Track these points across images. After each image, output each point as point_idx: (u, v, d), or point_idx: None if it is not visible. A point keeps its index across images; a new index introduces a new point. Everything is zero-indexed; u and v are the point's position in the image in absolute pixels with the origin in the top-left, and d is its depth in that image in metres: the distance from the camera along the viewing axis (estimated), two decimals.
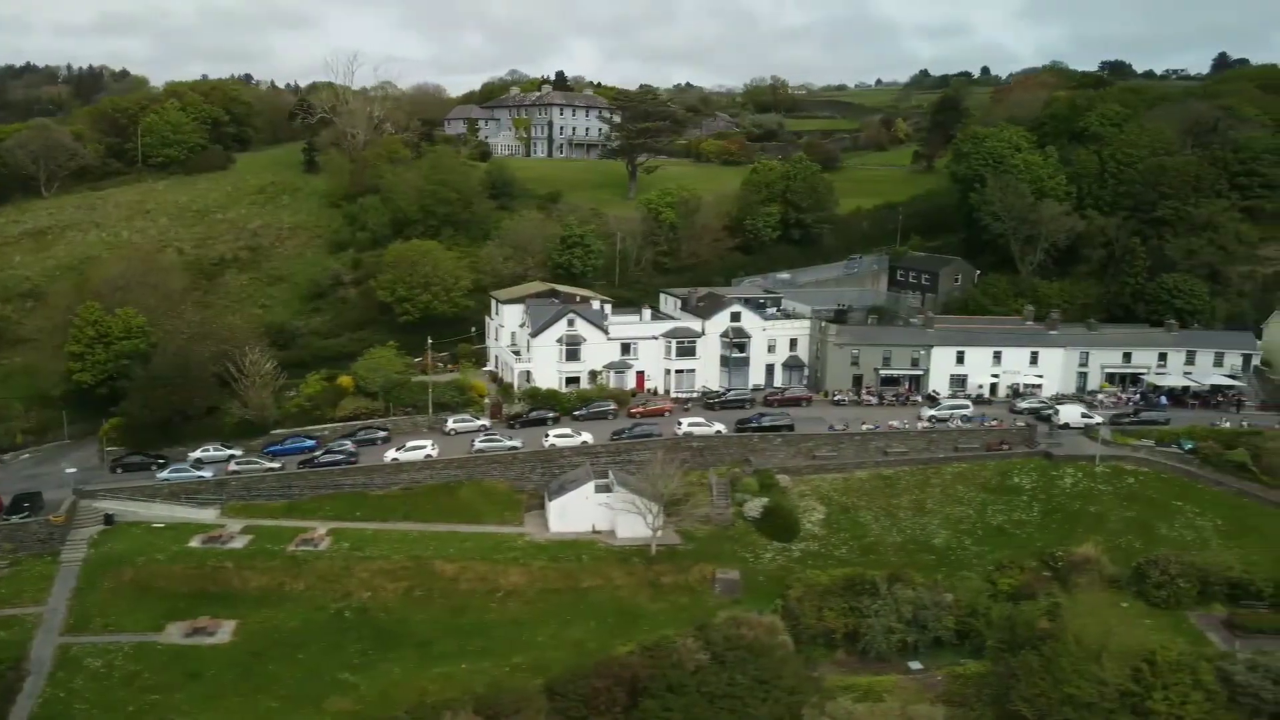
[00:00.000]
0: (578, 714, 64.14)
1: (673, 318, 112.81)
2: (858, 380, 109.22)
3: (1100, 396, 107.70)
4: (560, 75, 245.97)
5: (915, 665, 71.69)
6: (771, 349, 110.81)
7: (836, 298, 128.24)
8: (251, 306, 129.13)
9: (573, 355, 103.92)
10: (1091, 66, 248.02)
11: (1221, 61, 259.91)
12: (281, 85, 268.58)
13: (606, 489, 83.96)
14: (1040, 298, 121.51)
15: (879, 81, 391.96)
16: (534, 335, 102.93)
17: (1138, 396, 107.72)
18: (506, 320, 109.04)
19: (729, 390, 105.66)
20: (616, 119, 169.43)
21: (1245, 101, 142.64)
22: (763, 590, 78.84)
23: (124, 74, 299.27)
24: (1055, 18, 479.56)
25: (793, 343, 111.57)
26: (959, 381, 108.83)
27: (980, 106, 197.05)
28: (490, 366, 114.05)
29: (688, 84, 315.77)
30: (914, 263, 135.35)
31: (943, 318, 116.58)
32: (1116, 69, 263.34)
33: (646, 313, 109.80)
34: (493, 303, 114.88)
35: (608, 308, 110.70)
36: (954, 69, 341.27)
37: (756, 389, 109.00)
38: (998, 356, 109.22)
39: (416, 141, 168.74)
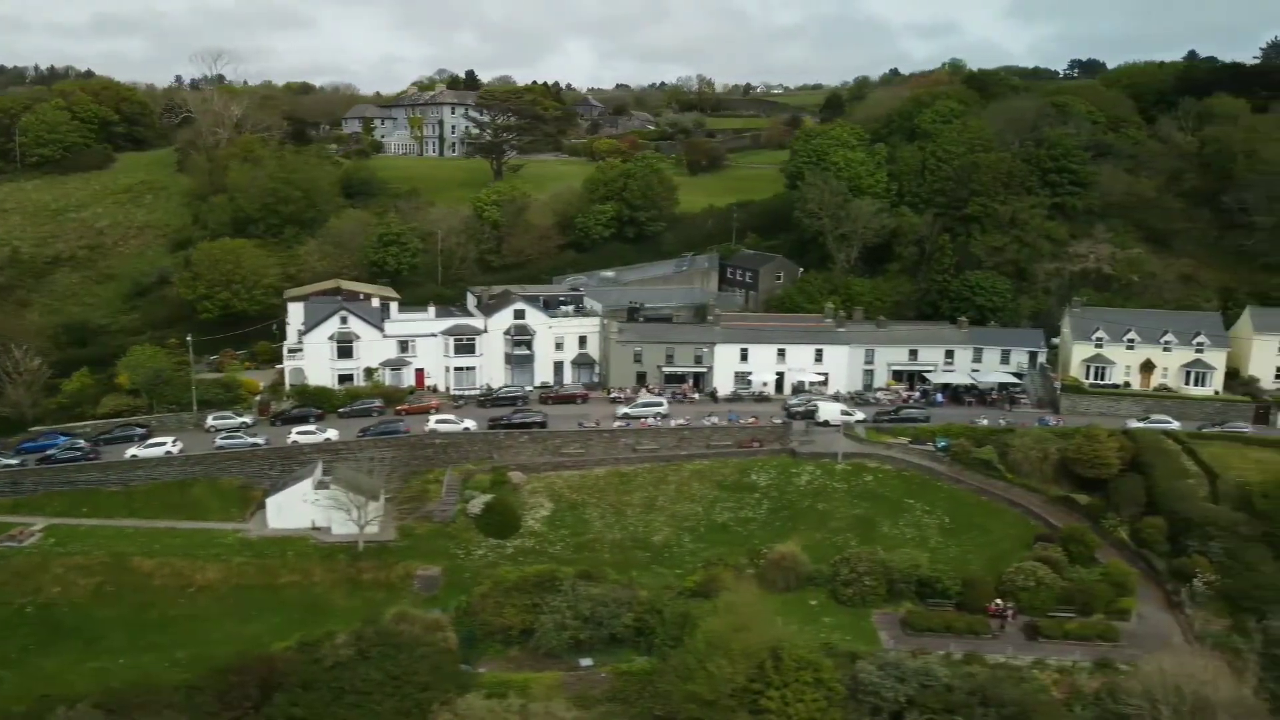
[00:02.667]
0: (210, 709, 64.27)
1: (471, 315, 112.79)
2: (641, 377, 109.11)
3: (878, 394, 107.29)
4: (470, 74, 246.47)
5: (586, 662, 71.40)
6: (560, 346, 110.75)
7: (664, 296, 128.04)
8: (74, 305, 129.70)
9: (345, 353, 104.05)
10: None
11: (1193, 58, 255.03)
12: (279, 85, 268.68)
13: (324, 485, 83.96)
14: (853, 295, 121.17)
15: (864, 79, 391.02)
16: (305, 332, 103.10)
17: (918, 394, 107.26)
18: (293, 318, 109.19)
19: (502, 387, 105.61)
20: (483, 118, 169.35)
21: (1089, 99, 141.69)
22: (465, 587, 78.71)
23: (89, 74, 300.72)
24: (1043, 17, 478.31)
25: (582, 340, 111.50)
26: (743, 379, 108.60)
27: (879, 103, 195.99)
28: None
29: (618, 85, 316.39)
30: (741, 261, 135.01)
31: (736, 315, 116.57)
32: (1087, 68, 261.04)
33: (431, 310, 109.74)
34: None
35: (393, 306, 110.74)
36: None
37: (544, 386, 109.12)
38: (782, 354, 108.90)
39: (280, 141, 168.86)
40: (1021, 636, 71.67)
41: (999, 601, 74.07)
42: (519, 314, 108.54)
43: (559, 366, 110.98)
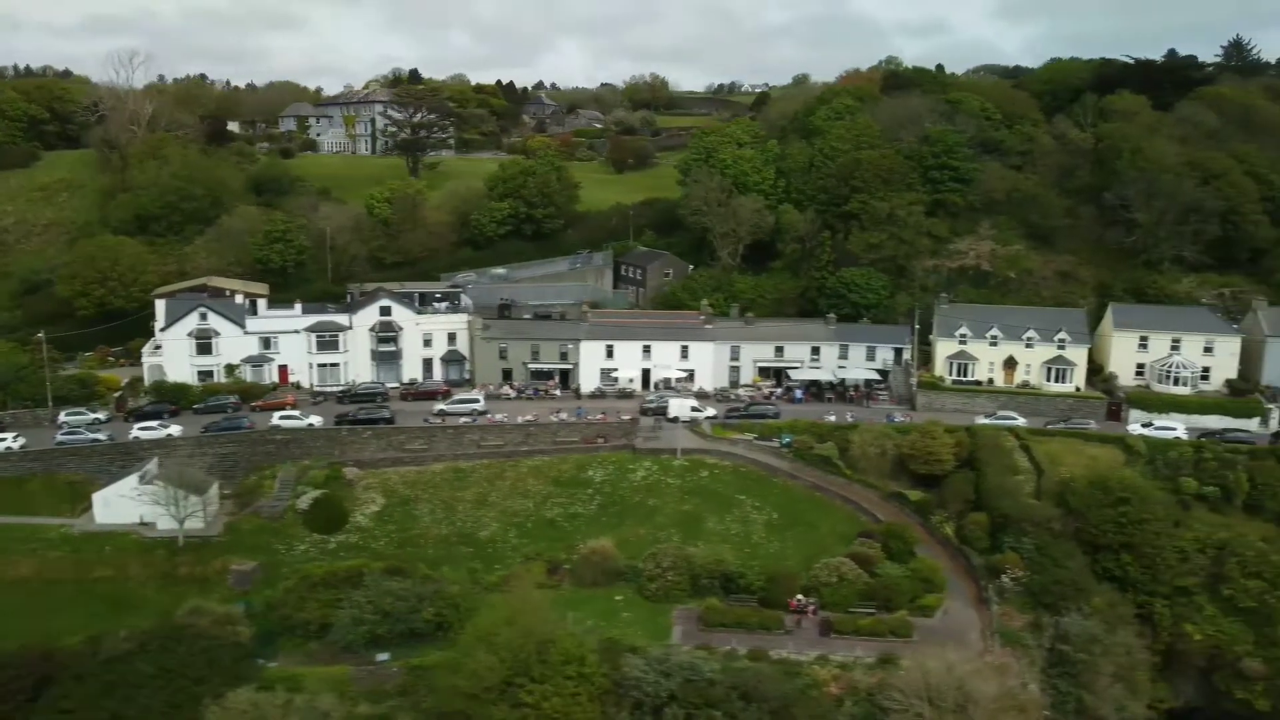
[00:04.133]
0: None
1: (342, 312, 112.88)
2: (508, 374, 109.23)
3: (739, 391, 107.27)
4: (414, 73, 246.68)
5: (383, 657, 71.39)
6: (428, 343, 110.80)
7: (557, 294, 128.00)
8: None
9: (205, 349, 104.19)
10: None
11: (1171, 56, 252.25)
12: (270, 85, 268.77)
13: (150, 481, 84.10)
14: (735, 292, 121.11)
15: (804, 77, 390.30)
16: (164, 329, 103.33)
17: (780, 390, 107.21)
18: (158, 315, 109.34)
19: (361, 383, 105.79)
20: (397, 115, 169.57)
21: (988, 96, 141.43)
22: (282, 581, 78.86)
23: (67, 73, 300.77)
24: (1029, 16, 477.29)
25: (451, 337, 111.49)
26: (609, 375, 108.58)
27: (792, 100, 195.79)
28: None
29: (551, 85, 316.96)
30: (633, 259, 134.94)
31: (608, 312, 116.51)
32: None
33: (298, 306, 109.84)
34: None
35: (262, 303, 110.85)
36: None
37: (412, 382, 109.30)
38: (647, 350, 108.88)
39: (199, 139, 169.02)
40: (816, 632, 71.64)
41: (800, 598, 74.04)
42: (384, 310, 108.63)
43: (428, 363, 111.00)
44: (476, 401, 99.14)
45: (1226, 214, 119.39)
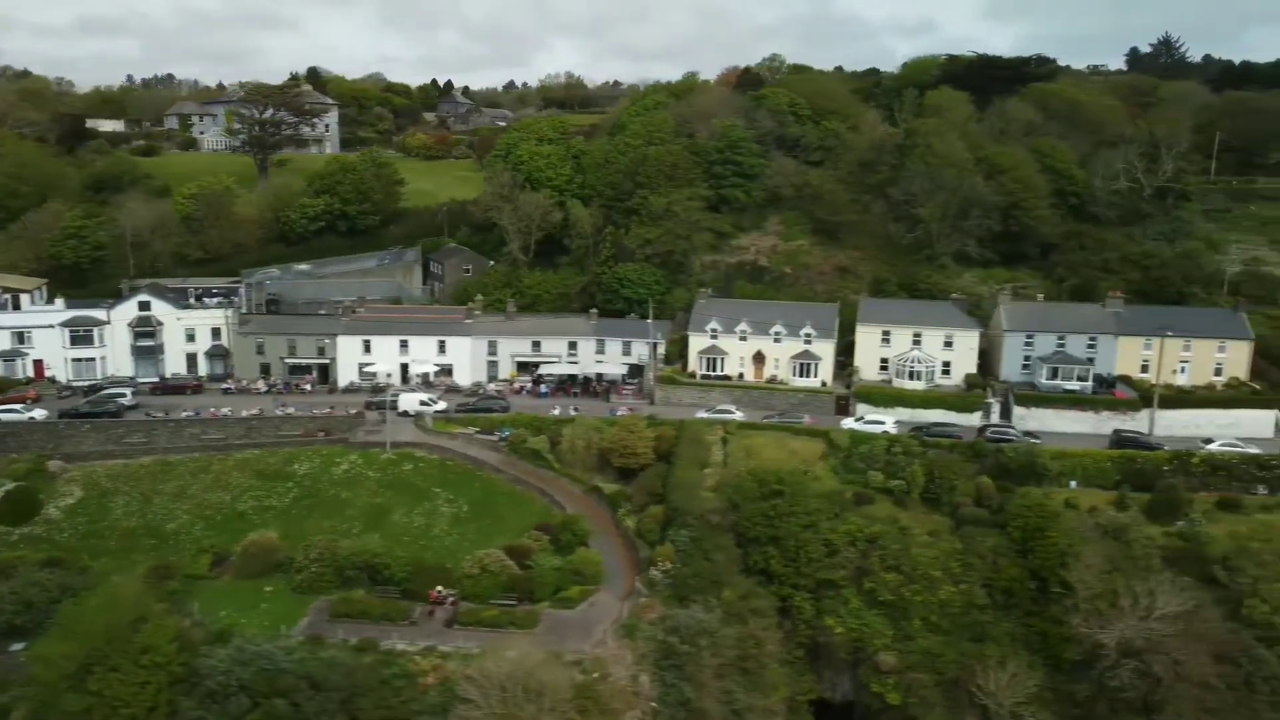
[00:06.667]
0: None
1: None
2: (266, 369, 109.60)
3: (491, 386, 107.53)
4: (312, 71, 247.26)
5: (16, 647, 71.45)
6: (192, 338, 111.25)
7: (363, 290, 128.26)
8: None
9: None
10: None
11: (1137, 56, 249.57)
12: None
13: None
14: (523, 288, 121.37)
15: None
16: None
17: (530, 383, 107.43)
18: None
19: (106, 378, 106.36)
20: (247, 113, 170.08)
21: (799, 92, 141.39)
22: None
23: (25, 73, 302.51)
24: (1018, 16, 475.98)
25: (215, 332, 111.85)
26: (365, 370, 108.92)
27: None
28: None
29: (464, 84, 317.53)
30: (440, 255, 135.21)
31: (376, 306, 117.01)
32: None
33: (59, 301, 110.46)
34: None
35: (25, 298, 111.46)
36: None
37: (175, 377, 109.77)
38: (405, 345, 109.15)
39: (44, 136, 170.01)
40: (442, 624, 71.76)
41: (441, 589, 74.17)
42: (144, 306, 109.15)
43: (192, 358, 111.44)
44: (124, 395, 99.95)
45: (1009, 209, 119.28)
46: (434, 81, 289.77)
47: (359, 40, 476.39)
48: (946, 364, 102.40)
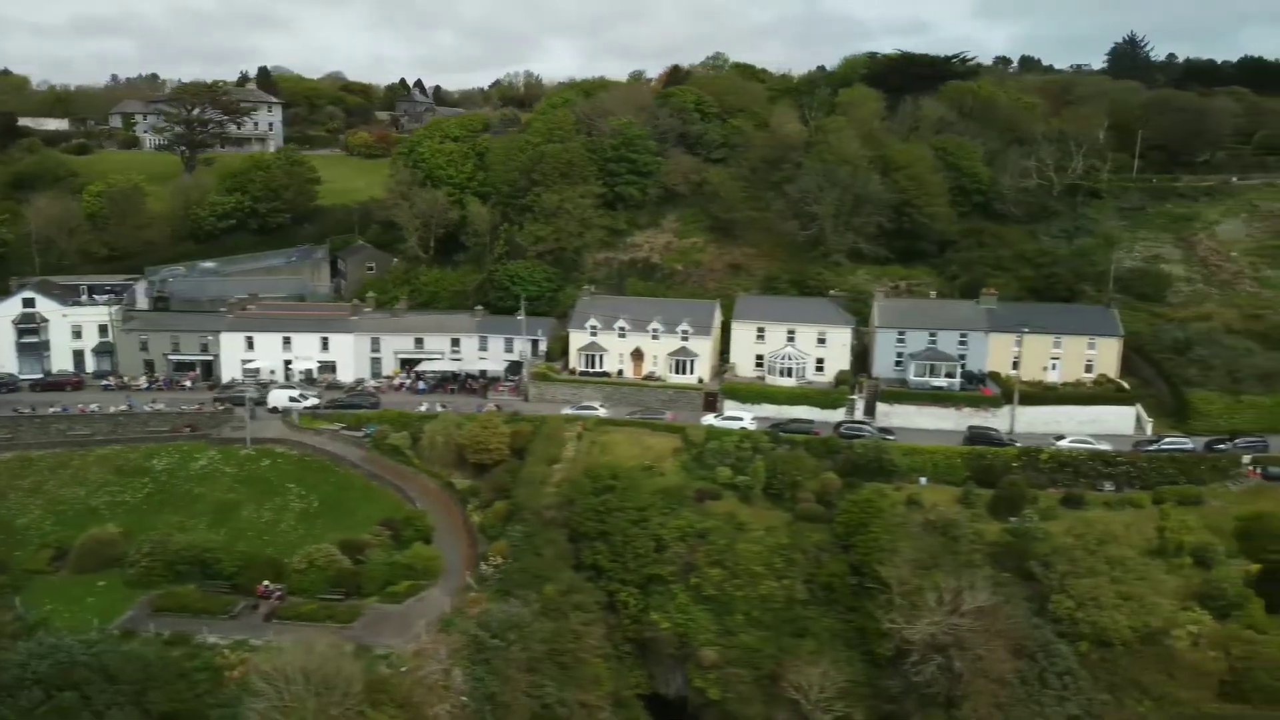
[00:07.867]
0: None
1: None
2: (151, 365, 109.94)
3: (370, 383, 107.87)
4: (262, 70, 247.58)
5: None
6: (79, 335, 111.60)
7: (271, 287, 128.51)
8: None
9: None
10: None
11: (1095, 56, 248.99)
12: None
13: None
14: (420, 285, 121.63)
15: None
16: None
17: (410, 379, 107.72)
18: None
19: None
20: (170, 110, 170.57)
21: (711, 90, 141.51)
22: None
23: (5, 72, 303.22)
24: (1009, 17, 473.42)
25: (102, 329, 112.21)
26: (246, 367, 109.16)
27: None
28: None
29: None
30: (346, 253, 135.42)
31: (268, 303, 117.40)
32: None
33: None
34: None
35: None
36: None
37: (62, 374, 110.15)
38: (288, 342, 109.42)
39: None
40: (261, 618, 71.97)
41: (268, 584, 74.44)
42: (28, 303, 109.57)
43: (79, 355, 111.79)
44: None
45: (902, 206, 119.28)
46: (402, 81, 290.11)
47: (355, 40, 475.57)
48: (820, 361, 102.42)
